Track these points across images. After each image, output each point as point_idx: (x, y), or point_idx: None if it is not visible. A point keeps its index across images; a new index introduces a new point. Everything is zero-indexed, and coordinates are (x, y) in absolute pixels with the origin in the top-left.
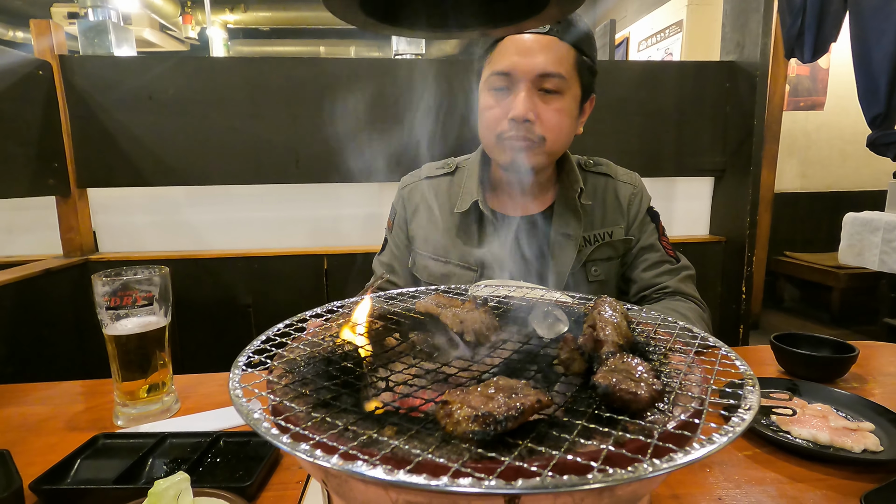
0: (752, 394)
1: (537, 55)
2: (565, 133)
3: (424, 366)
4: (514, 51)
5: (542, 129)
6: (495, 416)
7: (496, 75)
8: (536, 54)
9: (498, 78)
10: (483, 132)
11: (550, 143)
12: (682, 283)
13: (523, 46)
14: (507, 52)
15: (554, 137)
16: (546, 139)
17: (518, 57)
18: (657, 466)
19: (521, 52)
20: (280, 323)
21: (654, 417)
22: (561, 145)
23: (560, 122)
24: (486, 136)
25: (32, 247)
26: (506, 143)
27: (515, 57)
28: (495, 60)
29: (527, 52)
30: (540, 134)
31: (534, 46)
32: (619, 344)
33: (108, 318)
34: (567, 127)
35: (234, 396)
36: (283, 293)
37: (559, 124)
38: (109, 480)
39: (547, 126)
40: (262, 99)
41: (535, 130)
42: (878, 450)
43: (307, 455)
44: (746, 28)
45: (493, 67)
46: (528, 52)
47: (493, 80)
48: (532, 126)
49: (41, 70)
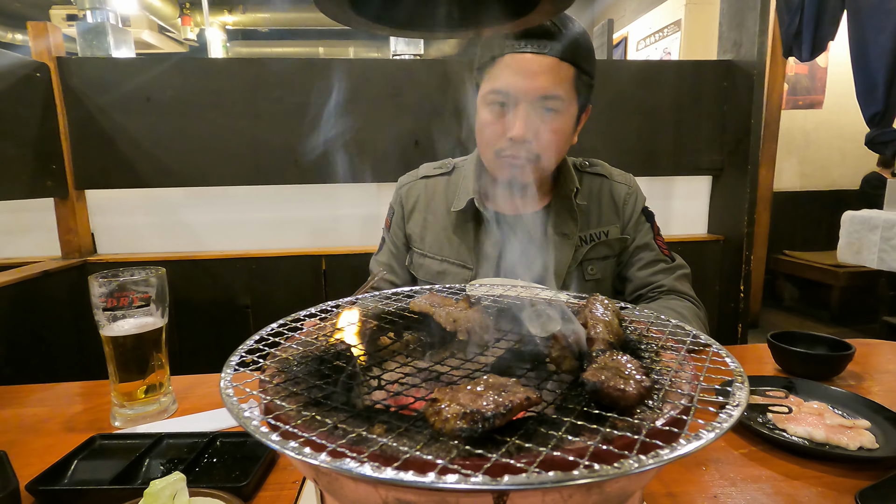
0: (741, 390)
1: (538, 77)
2: (561, 149)
3: (417, 364)
4: (514, 70)
5: (540, 147)
6: (483, 413)
7: (495, 93)
8: (537, 76)
9: (497, 95)
10: (481, 147)
11: (546, 159)
12: (677, 282)
13: (523, 67)
14: (507, 71)
15: (550, 155)
16: (542, 157)
17: (518, 77)
18: (643, 462)
19: (521, 72)
20: (274, 323)
21: (642, 414)
22: (556, 160)
23: (557, 141)
24: (484, 151)
25: (31, 248)
26: (503, 160)
27: (515, 77)
28: (494, 77)
29: (527, 73)
30: (537, 152)
31: (534, 68)
32: (609, 342)
33: (104, 319)
34: (563, 143)
35: (225, 395)
36: (282, 294)
37: (556, 143)
38: (106, 481)
39: (544, 145)
40: (260, 100)
41: (533, 149)
42: (874, 447)
43: (295, 453)
44: (744, 27)
45: (493, 85)
46: (528, 73)
47: (493, 97)
48: (530, 145)
49: (39, 72)
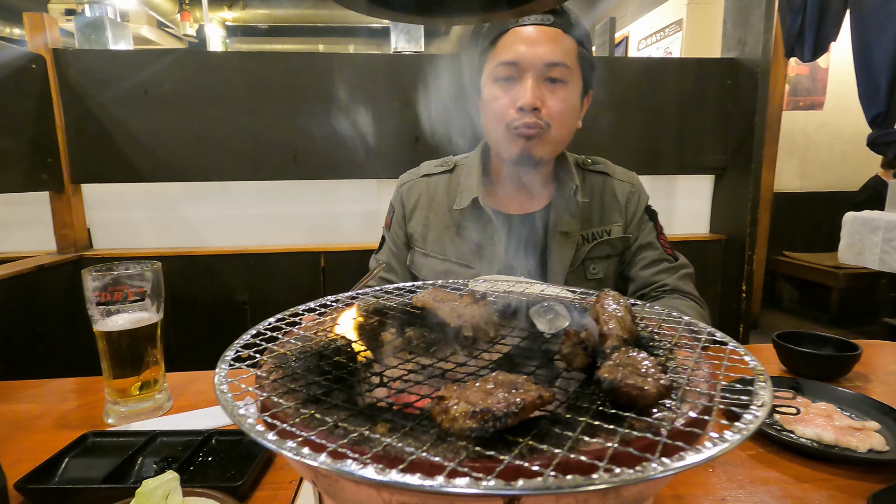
0: (764, 390)
1: (543, 45)
2: (569, 122)
3: (421, 361)
4: (520, 41)
5: (549, 116)
6: (494, 412)
7: (503, 65)
8: (542, 44)
9: (505, 68)
10: (490, 123)
11: (555, 130)
12: (680, 282)
13: (529, 37)
14: (514, 43)
15: (559, 125)
16: (552, 126)
17: (525, 47)
18: (667, 466)
19: (527, 42)
20: (271, 317)
21: (660, 414)
22: (564, 134)
23: (565, 111)
24: (493, 127)
25: (25, 243)
26: (514, 132)
27: (522, 47)
28: (501, 51)
29: (533, 42)
30: (546, 121)
31: (539, 37)
32: (623, 338)
33: (98, 313)
34: (571, 116)
35: (220, 392)
36: (281, 290)
37: (564, 112)
38: (97, 480)
39: (553, 114)
40: (259, 95)
41: (542, 118)
42: (884, 449)
43: (293, 453)
44: (748, 24)
45: (500, 58)
46: (534, 42)
47: (500, 70)
48: (539, 114)
49: (34, 64)
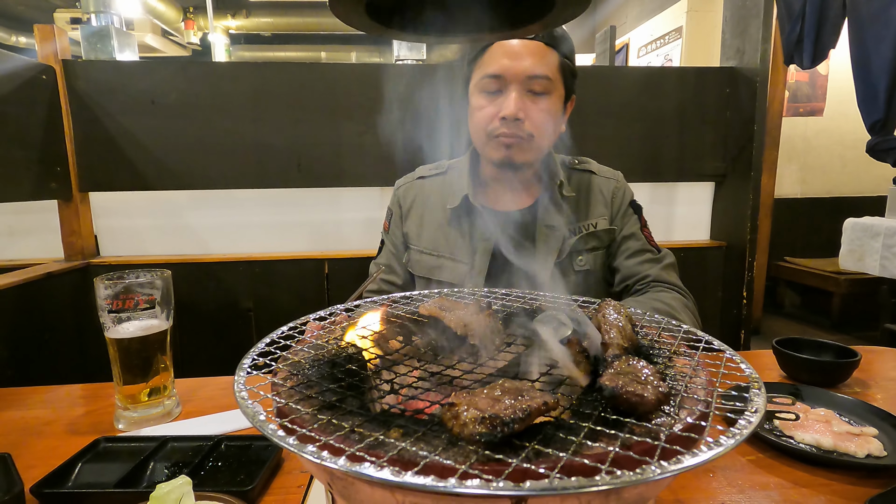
0: (759, 396)
1: (526, 59)
2: (551, 130)
3: (429, 368)
4: (503, 55)
5: (531, 126)
6: (502, 417)
7: (488, 78)
8: (525, 58)
9: (490, 80)
10: (475, 131)
11: (538, 139)
12: (664, 272)
13: (512, 51)
14: (498, 56)
15: (541, 134)
16: (534, 136)
17: (508, 60)
18: (665, 468)
19: (510, 55)
20: (284, 326)
21: (660, 420)
22: (547, 141)
23: (546, 120)
24: (478, 134)
25: (34, 250)
26: (497, 140)
27: (506, 60)
28: (486, 64)
29: (516, 55)
30: (529, 131)
31: (522, 51)
32: (623, 347)
33: (109, 321)
34: (553, 124)
35: (240, 398)
36: (285, 297)
37: (546, 122)
38: (110, 484)
39: (535, 123)
40: (264, 104)
41: (525, 128)
42: (882, 455)
43: (314, 457)
44: (746, 34)
45: (485, 70)
46: (517, 55)
47: (485, 82)
48: (521, 124)
49: (44, 74)
